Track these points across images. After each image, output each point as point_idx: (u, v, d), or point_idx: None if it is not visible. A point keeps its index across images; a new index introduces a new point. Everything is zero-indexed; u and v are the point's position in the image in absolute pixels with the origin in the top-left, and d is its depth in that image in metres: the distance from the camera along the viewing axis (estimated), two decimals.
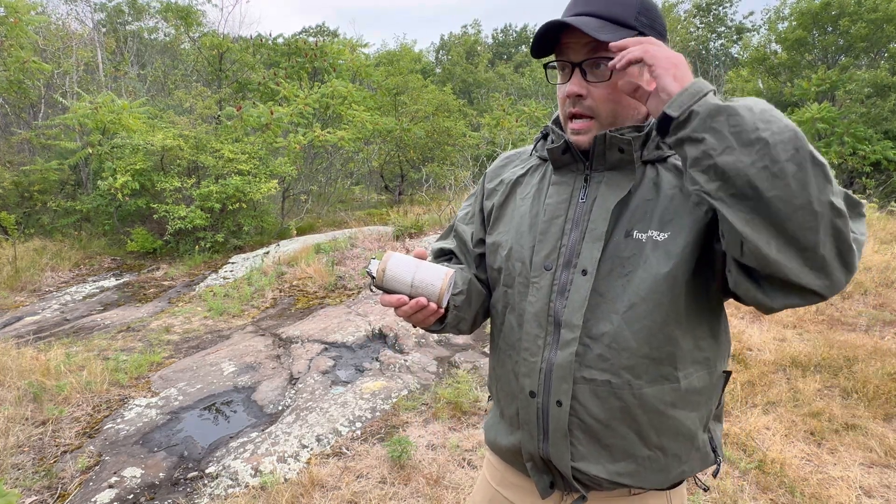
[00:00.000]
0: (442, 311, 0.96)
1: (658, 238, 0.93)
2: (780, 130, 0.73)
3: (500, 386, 1.11)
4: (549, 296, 0.98)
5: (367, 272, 0.98)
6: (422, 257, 0.99)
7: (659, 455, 0.98)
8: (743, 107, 0.76)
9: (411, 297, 0.95)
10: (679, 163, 0.97)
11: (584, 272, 0.95)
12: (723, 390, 1.04)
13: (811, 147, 0.74)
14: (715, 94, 0.79)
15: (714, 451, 1.05)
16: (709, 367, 0.99)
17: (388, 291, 0.97)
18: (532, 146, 1.16)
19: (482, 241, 1.17)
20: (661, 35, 0.96)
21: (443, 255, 1.23)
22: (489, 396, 1.27)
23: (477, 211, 1.19)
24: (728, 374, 1.05)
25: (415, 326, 1.10)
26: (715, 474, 1.08)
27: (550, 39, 0.95)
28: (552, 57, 0.98)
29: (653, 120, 0.97)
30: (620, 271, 0.94)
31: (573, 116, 0.97)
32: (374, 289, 1.00)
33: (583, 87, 0.93)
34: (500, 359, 1.10)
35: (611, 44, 0.85)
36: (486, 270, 1.15)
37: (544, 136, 1.13)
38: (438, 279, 0.95)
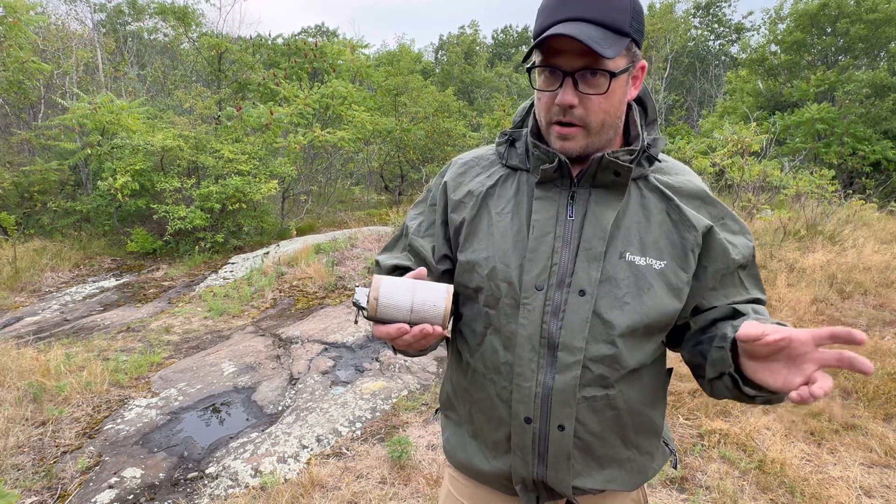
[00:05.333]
0: (447, 333, 0.88)
1: (657, 266, 0.94)
2: None
3: (477, 409, 1.05)
4: (542, 317, 0.94)
5: (355, 303, 0.86)
6: (421, 277, 0.89)
7: (635, 454, 1.01)
8: None
9: (412, 324, 0.85)
10: (659, 184, 0.98)
11: (582, 293, 0.93)
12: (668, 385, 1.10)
13: None
14: None
15: (666, 444, 1.09)
16: (662, 365, 1.04)
17: (382, 322, 0.86)
18: (493, 151, 1.09)
19: (446, 257, 1.08)
20: (642, 36, 0.94)
21: (395, 272, 1.10)
22: (437, 410, 1.22)
23: (439, 223, 1.08)
24: (671, 370, 1.08)
25: (397, 352, 1.03)
26: (675, 465, 1.11)
27: (539, 41, 0.87)
28: (538, 58, 0.91)
29: (641, 141, 0.97)
30: (616, 293, 0.93)
31: (559, 123, 0.93)
32: (358, 321, 0.90)
33: (576, 98, 0.89)
34: (478, 382, 1.03)
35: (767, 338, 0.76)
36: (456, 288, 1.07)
37: (511, 143, 1.06)
38: (441, 299, 0.84)
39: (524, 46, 32.93)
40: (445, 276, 1.08)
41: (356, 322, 0.92)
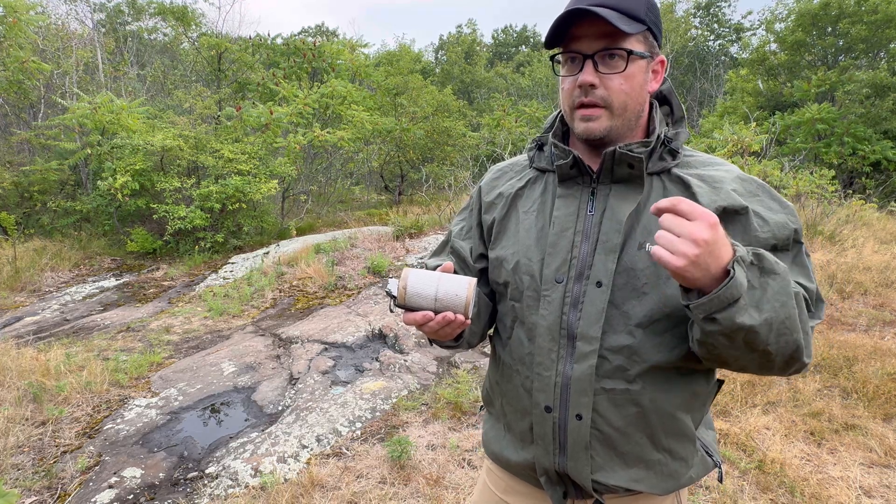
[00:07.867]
0: (469, 322, 0.93)
1: None
2: (786, 344, 0.81)
3: (506, 401, 1.10)
4: (562, 308, 0.97)
5: (388, 292, 0.95)
6: (448, 271, 0.96)
7: (667, 458, 1.00)
8: (764, 323, 0.78)
9: (436, 312, 0.92)
10: (683, 174, 0.98)
11: (599, 284, 0.94)
12: (713, 397, 1.07)
13: (807, 345, 0.84)
14: (741, 300, 0.76)
15: (710, 455, 1.07)
16: (707, 375, 1.02)
17: (411, 309, 0.94)
18: (526, 157, 1.14)
19: (482, 256, 1.15)
20: (660, 31, 0.96)
21: None
22: (481, 406, 1.26)
23: (475, 225, 1.17)
24: (721, 382, 1.07)
25: (433, 343, 1.10)
26: (720, 479, 1.09)
27: (560, 31, 0.92)
28: (561, 48, 0.96)
29: (658, 133, 0.97)
30: (634, 283, 0.93)
31: (582, 105, 0.95)
32: (393, 309, 0.97)
33: (596, 77, 0.92)
34: (506, 374, 1.08)
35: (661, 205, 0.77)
36: (489, 285, 1.14)
37: (539, 147, 1.11)
38: (462, 289, 0.92)
39: (524, 46, 32.89)
40: (483, 275, 1.15)
41: (391, 310, 0.99)
